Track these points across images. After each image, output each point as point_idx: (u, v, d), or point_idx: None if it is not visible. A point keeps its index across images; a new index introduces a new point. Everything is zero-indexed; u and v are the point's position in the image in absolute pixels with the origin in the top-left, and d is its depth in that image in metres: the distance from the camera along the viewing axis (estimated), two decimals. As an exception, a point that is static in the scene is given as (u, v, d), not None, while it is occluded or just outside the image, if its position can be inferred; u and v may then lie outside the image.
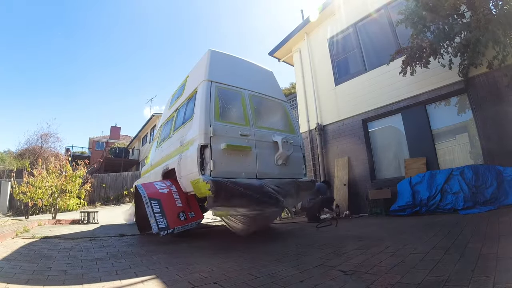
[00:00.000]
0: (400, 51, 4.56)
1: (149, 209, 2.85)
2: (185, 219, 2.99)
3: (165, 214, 2.87)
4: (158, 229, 2.73)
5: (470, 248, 1.90)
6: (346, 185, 5.66)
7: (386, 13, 5.75)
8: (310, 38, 7.30)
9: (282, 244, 2.87)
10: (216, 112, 3.08)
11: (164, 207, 2.92)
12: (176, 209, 3.01)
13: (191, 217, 3.05)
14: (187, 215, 3.03)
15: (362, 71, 6.09)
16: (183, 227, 2.95)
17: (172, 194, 3.13)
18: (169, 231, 2.81)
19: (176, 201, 3.07)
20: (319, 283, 1.51)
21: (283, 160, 3.39)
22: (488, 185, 3.88)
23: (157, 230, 2.73)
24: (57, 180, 7.37)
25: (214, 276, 1.75)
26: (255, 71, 4.01)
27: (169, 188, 3.19)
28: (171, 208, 2.98)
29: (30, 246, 2.95)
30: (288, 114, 3.99)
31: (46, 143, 20.64)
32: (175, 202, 3.06)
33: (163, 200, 2.99)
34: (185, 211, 3.03)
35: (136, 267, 2.06)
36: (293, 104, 8.10)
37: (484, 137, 4.35)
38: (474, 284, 1.27)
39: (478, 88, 4.45)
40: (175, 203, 3.05)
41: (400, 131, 5.46)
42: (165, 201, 2.99)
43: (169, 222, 2.84)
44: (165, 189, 3.16)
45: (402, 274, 1.51)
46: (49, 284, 1.65)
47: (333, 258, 2.04)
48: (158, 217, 2.81)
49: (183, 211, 3.02)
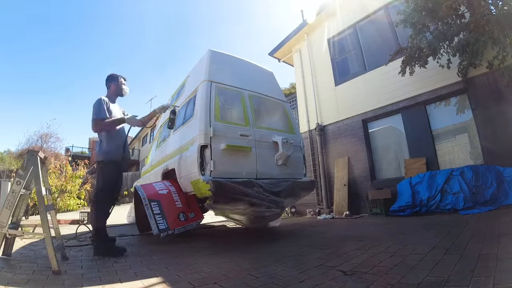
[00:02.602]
0: (399, 51, 4.57)
1: (148, 211, 2.83)
2: (185, 219, 2.97)
3: (165, 215, 2.85)
4: (158, 230, 2.71)
5: (470, 248, 1.90)
6: (346, 185, 5.66)
7: (386, 14, 5.75)
8: (310, 38, 7.30)
9: (282, 244, 2.87)
10: (216, 112, 3.08)
11: (164, 208, 2.90)
12: (176, 210, 2.99)
13: (191, 218, 3.04)
14: (187, 216, 3.01)
15: (362, 72, 6.09)
16: (184, 228, 2.93)
17: (171, 195, 3.10)
18: (169, 232, 2.79)
19: (176, 202, 3.05)
20: (319, 283, 1.51)
21: (283, 160, 3.39)
22: (488, 186, 3.88)
23: (157, 231, 2.71)
24: (57, 180, 7.38)
25: (214, 276, 1.75)
26: (255, 71, 4.01)
27: (169, 189, 3.16)
28: (171, 209, 2.96)
29: (30, 246, 2.95)
30: (288, 115, 3.99)
31: (46, 143, 20.66)
32: (175, 203, 3.04)
33: (163, 201, 2.97)
34: (185, 212, 3.02)
35: (136, 267, 2.05)
36: (293, 104, 8.10)
37: (484, 137, 4.35)
38: (474, 284, 1.27)
39: (478, 88, 4.45)
40: (175, 204, 3.03)
41: (400, 132, 5.46)
42: (164, 202, 2.97)
43: (169, 223, 2.82)
44: (164, 190, 3.13)
45: (402, 274, 1.51)
46: (49, 284, 1.65)
47: (333, 258, 2.04)
48: (158, 219, 2.79)
49: (183, 212, 3.00)
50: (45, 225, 1.96)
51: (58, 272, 1.82)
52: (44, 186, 2.20)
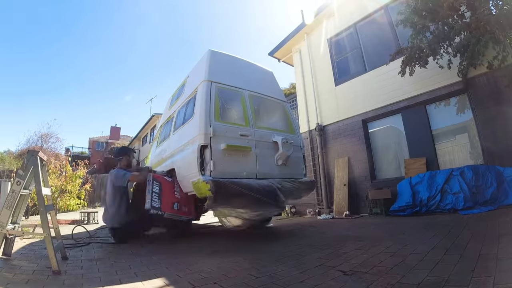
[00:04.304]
0: (399, 51, 4.57)
1: (149, 187, 3.01)
2: (178, 209, 3.14)
3: (162, 197, 3.04)
4: (150, 206, 2.87)
5: (470, 248, 1.90)
6: (346, 185, 5.66)
7: (386, 14, 5.75)
8: (310, 38, 7.30)
9: (282, 244, 2.87)
10: (216, 112, 3.08)
11: (163, 191, 3.10)
12: (173, 198, 3.17)
13: (183, 211, 3.21)
14: (180, 207, 3.18)
15: (362, 72, 6.08)
16: (173, 216, 3.11)
17: (174, 185, 3.30)
18: (160, 213, 2.95)
19: (175, 192, 3.25)
20: (319, 283, 1.51)
21: (283, 160, 3.39)
22: (488, 185, 3.88)
23: (149, 206, 2.87)
24: (57, 180, 7.37)
25: (214, 276, 1.75)
26: (255, 71, 4.01)
27: (173, 180, 3.37)
28: (169, 195, 3.16)
29: (30, 246, 2.96)
30: (288, 114, 3.99)
31: (47, 143, 20.66)
32: (174, 193, 3.24)
33: (164, 185, 3.18)
34: (179, 203, 3.19)
35: (136, 267, 2.06)
36: (293, 104, 8.09)
37: (484, 137, 4.35)
38: (474, 284, 1.27)
39: (478, 88, 4.45)
40: (174, 193, 3.23)
41: (400, 131, 5.46)
42: (165, 187, 3.17)
43: (163, 205, 2.99)
44: (169, 179, 3.36)
45: (402, 274, 1.51)
46: (49, 284, 1.65)
47: (333, 258, 2.04)
48: (154, 197, 2.97)
49: (178, 202, 3.18)
50: (45, 225, 1.96)
51: (58, 272, 1.82)
52: (44, 186, 2.20)
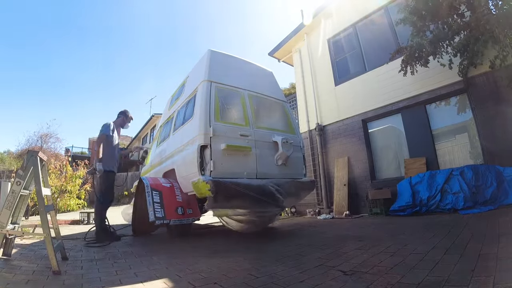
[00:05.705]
0: (399, 51, 4.56)
1: (149, 198, 2.94)
2: (182, 213, 3.08)
3: (164, 205, 2.97)
4: (154, 217, 2.81)
5: (470, 248, 1.90)
6: (346, 185, 5.66)
7: (386, 13, 5.75)
8: (310, 38, 7.30)
9: (282, 244, 2.87)
10: (216, 112, 3.08)
11: (164, 199, 3.02)
12: (176, 203, 3.11)
13: (188, 213, 3.15)
14: (185, 211, 3.12)
15: (362, 71, 6.08)
16: (179, 221, 3.05)
17: (174, 189, 3.24)
18: (165, 222, 2.90)
19: (176, 196, 3.18)
20: (319, 283, 1.51)
21: (283, 160, 3.39)
22: (488, 185, 3.88)
23: (153, 218, 2.81)
24: (57, 180, 7.37)
25: (214, 276, 1.75)
26: (255, 71, 4.01)
27: (172, 184, 3.31)
28: (171, 201, 3.08)
29: (30, 246, 2.95)
30: (288, 114, 3.99)
31: (46, 143, 20.59)
32: (176, 197, 3.17)
33: (164, 192, 3.11)
34: (183, 207, 3.13)
35: (136, 268, 2.06)
36: (293, 104, 8.09)
37: (484, 137, 4.35)
38: (474, 284, 1.27)
39: (478, 88, 4.45)
40: (175, 198, 3.16)
41: (400, 131, 5.46)
42: (166, 194, 3.10)
43: (167, 213, 2.93)
44: (167, 184, 3.29)
45: (402, 274, 1.51)
46: (49, 284, 1.65)
47: (333, 258, 2.04)
48: (157, 207, 2.90)
49: (181, 206, 3.12)
50: (45, 225, 1.96)
51: (58, 272, 1.82)
52: (44, 186, 2.20)
